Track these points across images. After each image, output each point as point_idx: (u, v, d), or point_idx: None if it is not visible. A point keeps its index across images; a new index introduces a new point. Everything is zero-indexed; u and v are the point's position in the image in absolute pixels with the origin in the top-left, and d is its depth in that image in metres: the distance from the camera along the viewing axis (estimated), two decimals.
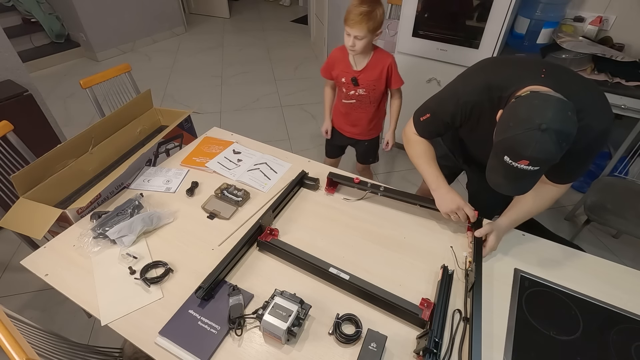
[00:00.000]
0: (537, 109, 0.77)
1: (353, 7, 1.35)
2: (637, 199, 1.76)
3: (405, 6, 2.08)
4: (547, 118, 0.75)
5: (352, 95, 1.61)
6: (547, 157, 0.77)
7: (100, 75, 1.81)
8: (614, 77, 1.83)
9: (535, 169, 0.79)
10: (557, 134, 0.75)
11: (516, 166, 0.79)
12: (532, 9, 2.03)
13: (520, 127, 0.77)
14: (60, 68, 4.08)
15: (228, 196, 1.26)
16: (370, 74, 1.54)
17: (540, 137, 0.75)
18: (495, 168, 0.85)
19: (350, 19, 1.35)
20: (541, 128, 0.74)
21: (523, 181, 0.84)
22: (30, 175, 1.25)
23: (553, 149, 0.75)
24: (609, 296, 0.97)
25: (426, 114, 1.12)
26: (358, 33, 1.37)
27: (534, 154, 0.76)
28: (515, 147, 0.78)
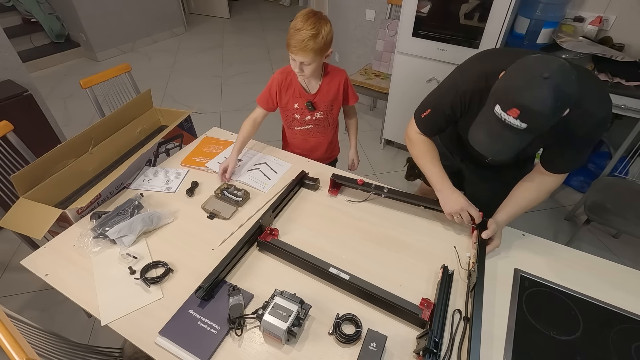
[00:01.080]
0: (543, 61, 0.74)
1: (294, 30, 1.17)
2: (637, 199, 1.76)
3: (405, 6, 2.08)
4: (551, 69, 0.71)
5: (309, 120, 1.44)
6: (538, 111, 0.72)
7: (100, 75, 1.81)
8: (614, 77, 1.83)
9: (521, 127, 0.75)
10: (557, 88, 0.71)
11: (503, 119, 0.76)
12: (532, 9, 2.03)
13: (522, 74, 0.74)
14: (60, 68, 4.08)
15: (228, 196, 1.25)
16: (326, 95, 1.38)
17: (540, 85, 0.71)
18: (482, 123, 0.83)
19: (292, 45, 1.18)
20: (544, 76, 0.71)
21: (504, 141, 0.80)
22: (30, 175, 1.25)
23: (549, 102, 0.71)
24: (609, 296, 0.97)
25: (427, 109, 1.11)
26: (303, 59, 1.20)
27: (527, 102, 0.72)
28: (511, 92, 0.75)
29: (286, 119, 1.47)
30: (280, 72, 1.38)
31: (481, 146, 0.85)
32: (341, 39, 3.26)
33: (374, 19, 2.81)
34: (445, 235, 1.14)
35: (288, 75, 1.36)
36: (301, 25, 1.16)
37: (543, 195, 1.05)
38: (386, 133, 2.72)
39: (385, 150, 2.83)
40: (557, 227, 2.20)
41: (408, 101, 2.42)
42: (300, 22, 1.16)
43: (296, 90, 1.38)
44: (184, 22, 5.01)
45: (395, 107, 2.53)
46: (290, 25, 1.19)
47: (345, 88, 1.42)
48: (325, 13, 3.90)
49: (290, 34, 1.18)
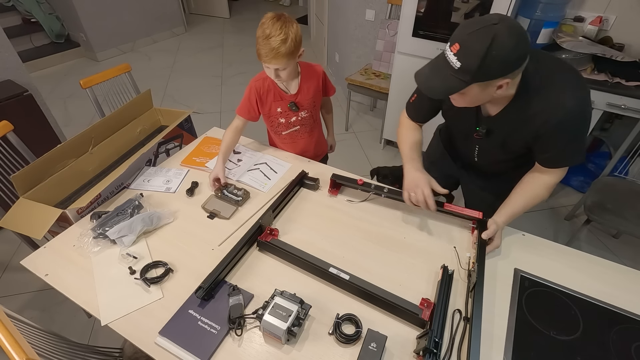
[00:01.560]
0: (504, 16, 0.77)
1: (262, 39, 1.15)
2: (637, 199, 1.76)
3: (405, 6, 2.08)
4: (504, 21, 0.75)
5: (295, 121, 1.43)
6: (474, 49, 0.75)
7: (100, 75, 1.81)
8: (614, 77, 1.83)
9: (456, 65, 0.78)
10: (498, 37, 0.73)
11: (446, 54, 0.80)
12: (532, 9, 2.03)
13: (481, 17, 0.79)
14: (60, 68, 4.08)
15: (228, 196, 1.25)
16: (307, 92, 1.37)
17: (485, 26, 0.74)
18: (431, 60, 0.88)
19: (263, 54, 1.16)
20: (492, 22, 0.75)
21: (437, 76, 0.83)
22: (30, 175, 1.25)
23: (485, 44, 0.74)
24: (609, 296, 0.97)
25: (414, 95, 1.15)
26: (278, 66, 1.19)
27: (467, 39, 0.76)
28: (461, 28, 0.79)
29: (272, 125, 1.46)
30: (255, 79, 1.36)
31: (420, 78, 0.89)
32: (341, 39, 3.26)
33: (374, 19, 2.81)
34: (445, 235, 1.14)
35: (265, 81, 1.34)
36: (269, 32, 1.14)
37: (542, 192, 1.05)
38: (386, 133, 2.72)
39: (385, 150, 2.83)
40: (557, 227, 2.20)
41: None
42: (267, 29, 1.14)
43: (276, 94, 1.36)
44: (184, 22, 5.02)
45: (395, 107, 2.53)
46: (257, 34, 1.17)
47: (324, 81, 1.43)
48: (325, 13, 3.86)
49: (259, 43, 1.16)
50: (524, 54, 0.78)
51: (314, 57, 4.30)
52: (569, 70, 0.91)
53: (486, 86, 0.82)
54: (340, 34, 3.25)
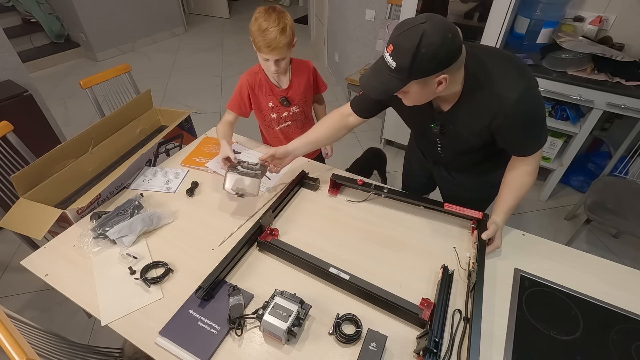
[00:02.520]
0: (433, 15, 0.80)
1: (260, 31, 1.17)
2: (637, 198, 1.76)
3: (405, 6, 2.08)
4: (431, 20, 0.78)
5: (286, 117, 1.45)
6: (404, 48, 0.78)
7: (100, 76, 1.81)
8: (614, 77, 1.83)
9: (391, 65, 0.81)
10: (426, 35, 0.76)
11: (384, 56, 0.83)
12: (532, 9, 2.03)
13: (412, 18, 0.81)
14: (60, 68, 4.08)
15: (245, 171, 1.17)
16: (297, 87, 1.39)
17: (414, 27, 0.77)
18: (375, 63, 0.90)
19: (263, 46, 1.18)
20: (420, 21, 0.78)
21: (377, 77, 0.86)
22: (30, 176, 1.25)
23: (413, 42, 0.76)
24: (609, 296, 0.97)
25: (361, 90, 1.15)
26: (278, 56, 1.21)
27: (398, 39, 0.79)
28: (394, 29, 0.81)
29: (263, 120, 1.47)
30: (247, 74, 1.37)
31: (363, 79, 0.91)
32: (341, 39, 3.26)
33: (374, 19, 2.81)
34: (445, 235, 1.14)
35: (257, 75, 1.36)
36: (266, 25, 1.16)
37: (526, 180, 1.05)
38: (386, 133, 2.72)
39: (385, 150, 2.82)
40: (557, 227, 2.20)
41: None
42: (264, 22, 1.16)
43: (268, 88, 1.37)
44: (183, 22, 5.02)
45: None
46: (252, 29, 1.19)
47: (315, 77, 1.44)
48: (325, 13, 3.86)
49: (257, 36, 1.18)
50: (453, 49, 0.80)
51: (314, 57, 4.30)
52: (508, 60, 0.92)
53: (425, 83, 0.84)
54: (340, 34, 3.25)
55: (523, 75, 0.90)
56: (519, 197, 1.07)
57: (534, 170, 1.05)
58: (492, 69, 0.90)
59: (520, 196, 1.07)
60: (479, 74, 0.90)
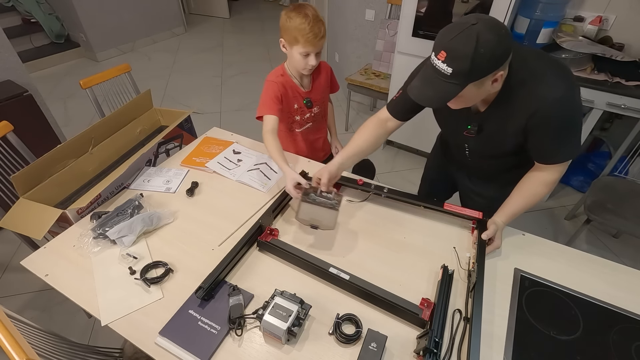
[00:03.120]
0: (479, 14, 0.80)
1: (302, 27, 1.18)
2: (637, 198, 1.76)
3: (405, 6, 2.08)
4: (480, 18, 0.77)
5: (308, 118, 1.45)
6: (461, 53, 0.76)
7: (100, 76, 1.81)
8: (613, 77, 1.83)
9: (447, 72, 0.79)
10: (480, 34, 0.75)
11: (435, 64, 0.81)
12: (531, 9, 2.03)
13: (457, 21, 0.80)
14: (60, 68, 4.08)
15: (319, 200, 1.08)
16: (319, 87, 1.42)
17: (465, 28, 0.76)
18: (420, 71, 0.89)
19: (308, 40, 1.19)
20: (471, 22, 0.76)
21: (431, 86, 0.84)
22: (30, 176, 1.25)
23: (471, 45, 0.75)
24: (609, 296, 0.97)
25: (399, 91, 1.15)
26: (320, 48, 1.25)
27: (452, 45, 0.77)
28: (442, 36, 0.80)
29: (287, 121, 1.46)
30: (274, 76, 1.35)
31: (414, 90, 0.89)
32: (341, 39, 3.26)
33: (373, 19, 2.81)
34: (445, 235, 1.14)
35: (281, 77, 1.35)
36: (306, 18, 1.18)
37: (541, 190, 1.04)
38: None
39: (385, 150, 2.83)
40: (557, 227, 2.20)
41: None
42: (303, 16, 1.18)
43: (294, 90, 1.38)
44: (183, 22, 5.02)
45: None
46: (289, 24, 1.20)
47: (331, 77, 1.47)
48: (325, 13, 3.86)
49: (300, 30, 1.18)
50: (508, 45, 0.80)
51: None
52: (554, 63, 0.91)
53: (481, 83, 0.83)
54: (340, 34, 3.25)
55: (567, 78, 0.89)
56: (528, 206, 1.06)
57: (553, 183, 1.03)
58: (535, 67, 0.88)
59: (530, 205, 1.06)
60: (521, 71, 0.88)
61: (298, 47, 1.23)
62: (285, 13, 1.22)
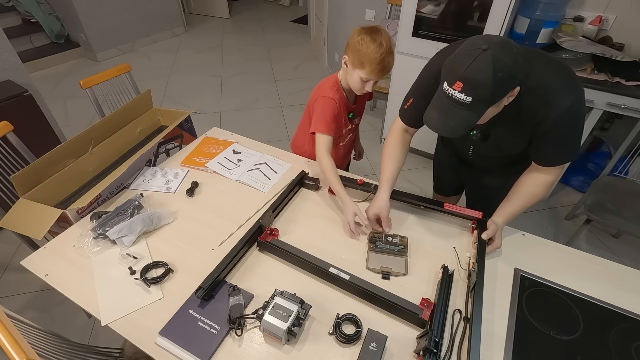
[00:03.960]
0: (484, 37, 0.80)
1: (374, 55, 1.11)
2: (637, 198, 1.76)
3: (405, 6, 2.08)
4: (490, 42, 0.76)
5: (349, 130, 1.44)
6: (479, 80, 0.75)
7: (100, 76, 1.81)
8: (613, 77, 1.83)
9: (466, 101, 0.78)
10: (496, 59, 0.74)
11: (450, 94, 0.79)
12: (532, 9, 2.03)
13: (465, 49, 0.79)
14: (60, 68, 4.08)
15: (385, 248, 1.08)
16: (362, 100, 1.40)
17: (479, 56, 0.75)
18: (434, 102, 0.87)
19: (377, 69, 1.13)
20: (482, 47, 0.75)
21: (451, 116, 0.82)
22: (30, 176, 1.25)
23: (488, 72, 0.74)
24: (609, 296, 0.97)
25: (409, 99, 1.13)
26: (381, 78, 1.20)
27: (468, 74, 0.76)
28: (454, 65, 0.78)
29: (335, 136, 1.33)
30: (332, 92, 1.27)
31: (432, 122, 0.87)
32: (341, 39, 3.26)
33: (374, 19, 2.81)
34: (445, 235, 1.14)
35: (337, 92, 1.28)
36: (378, 49, 1.11)
37: (540, 191, 1.04)
38: (386, 133, 2.70)
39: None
40: (557, 227, 2.20)
41: None
42: (376, 46, 1.11)
43: (344, 105, 1.33)
44: (184, 22, 5.01)
45: (395, 107, 2.51)
46: (360, 49, 1.13)
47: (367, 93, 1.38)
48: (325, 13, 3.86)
49: (368, 58, 1.12)
50: (521, 61, 0.79)
51: (314, 57, 4.30)
52: (561, 69, 0.90)
53: (500, 102, 0.83)
54: (340, 34, 3.25)
55: (575, 85, 0.89)
56: (526, 206, 1.06)
57: (552, 184, 1.04)
58: (542, 73, 0.87)
59: (529, 205, 1.06)
60: (529, 79, 0.87)
61: (362, 72, 1.16)
62: (359, 34, 1.14)
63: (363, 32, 1.14)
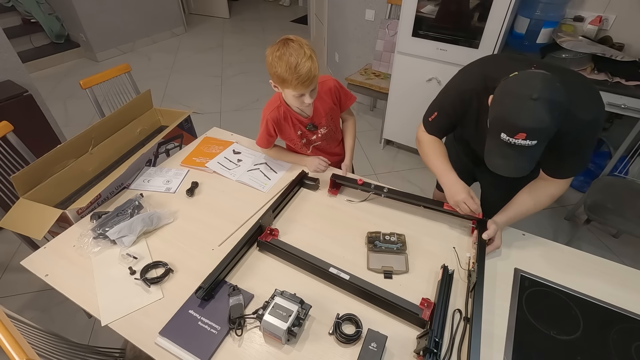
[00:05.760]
0: (526, 82, 0.81)
1: (291, 68, 1.07)
2: (637, 198, 1.76)
3: (405, 6, 2.08)
4: (536, 88, 0.78)
5: (315, 139, 1.40)
6: (542, 127, 0.78)
7: (100, 76, 1.81)
8: (613, 77, 1.83)
9: (532, 144, 0.80)
10: (550, 103, 0.77)
11: (513, 142, 0.81)
12: (531, 9, 2.03)
13: (513, 100, 0.80)
14: (60, 68, 4.08)
15: (384, 247, 1.08)
16: (322, 110, 1.32)
17: (533, 106, 0.77)
18: (493, 149, 0.88)
19: (298, 82, 1.09)
20: (532, 97, 0.77)
21: (521, 159, 0.84)
22: (30, 176, 1.25)
23: (547, 118, 0.77)
24: (609, 296, 0.97)
25: (434, 112, 1.16)
26: (313, 86, 1.14)
27: (529, 125, 0.78)
28: (510, 120, 0.80)
29: (294, 146, 1.44)
30: (269, 111, 1.30)
31: (501, 169, 0.89)
32: (341, 39, 3.25)
33: (373, 19, 2.81)
34: (445, 235, 1.14)
35: (279, 109, 1.29)
36: (295, 60, 1.07)
37: (545, 201, 1.06)
38: (386, 133, 2.72)
39: (385, 150, 2.83)
40: (557, 227, 2.20)
41: (408, 101, 2.42)
42: (291, 58, 1.07)
43: (293, 119, 1.32)
44: (183, 22, 5.01)
45: (395, 107, 2.53)
46: (277, 69, 1.09)
47: (337, 93, 1.35)
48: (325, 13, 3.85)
49: (287, 75, 1.08)
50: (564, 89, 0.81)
51: None
52: (583, 81, 0.91)
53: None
54: (340, 34, 3.25)
55: (598, 100, 0.90)
56: (528, 213, 1.08)
57: (557, 196, 1.05)
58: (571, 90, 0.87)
59: (531, 212, 1.08)
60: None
61: (288, 90, 1.15)
62: (270, 54, 1.11)
63: (272, 52, 1.11)
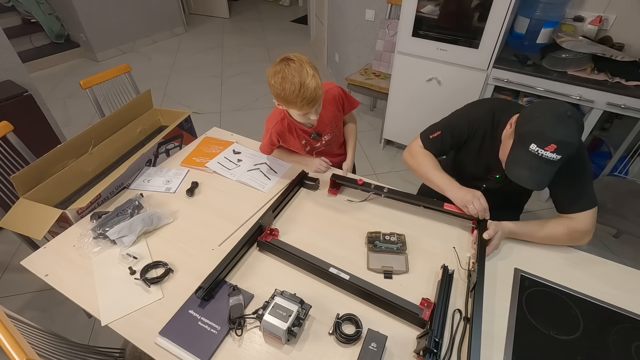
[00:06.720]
0: (559, 103, 0.93)
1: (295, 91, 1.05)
2: (637, 198, 1.76)
3: (405, 6, 2.08)
4: (570, 109, 0.90)
5: (320, 146, 1.42)
6: (570, 142, 0.88)
7: (100, 76, 1.81)
8: (613, 77, 1.83)
9: (556, 158, 0.89)
10: (579, 123, 0.90)
11: (541, 154, 0.90)
12: (532, 9, 2.02)
13: (549, 114, 0.90)
14: (60, 68, 4.08)
15: (384, 247, 1.08)
16: (326, 119, 1.33)
17: (568, 122, 0.88)
18: (518, 160, 0.96)
19: (303, 104, 1.08)
20: (568, 114, 0.88)
21: (543, 172, 0.92)
22: (30, 176, 1.25)
23: (576, 135, 0.89)
24: (609, 296, 0.97)
25: (436, 131, 1.21)
26: (318, 104, 1.14)
27: (563, 138, 0.88)
28: (546, 132, 0.89)
29: (298, 152, 1.45)
30: (272, 123, 1.30)
31: (523, 180, 0.95)
32: (341, 39, 3.26)
33: (373, 19, 2.81)
34: (445, 235, 1.14)
35: (282, 122, 1.30)
36: (298, 80, 1.05)
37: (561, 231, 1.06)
38: (386, 133, 2.72)
39: (385, 150, 2.83)
40: None
41: (408, 101, 2.42)
42: (296, 79, 1.05)
43: (298, 130, 1.33)
44: (183, 22, 5.01)
45: (395, 107, 2.53)
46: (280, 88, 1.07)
47: (341, 99, 1.35)
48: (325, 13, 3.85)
49: (293, 95, 1.06)
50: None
51: (314, 57, 4.30)
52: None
53: None
54: (340, 34, 3.25)
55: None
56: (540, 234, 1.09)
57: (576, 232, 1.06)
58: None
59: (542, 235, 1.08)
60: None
61: (294, 110, 1.15)
62: (272, 76, 1.09)
63: (274, 73, 1.09)
